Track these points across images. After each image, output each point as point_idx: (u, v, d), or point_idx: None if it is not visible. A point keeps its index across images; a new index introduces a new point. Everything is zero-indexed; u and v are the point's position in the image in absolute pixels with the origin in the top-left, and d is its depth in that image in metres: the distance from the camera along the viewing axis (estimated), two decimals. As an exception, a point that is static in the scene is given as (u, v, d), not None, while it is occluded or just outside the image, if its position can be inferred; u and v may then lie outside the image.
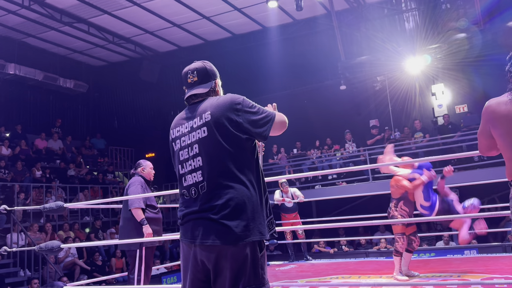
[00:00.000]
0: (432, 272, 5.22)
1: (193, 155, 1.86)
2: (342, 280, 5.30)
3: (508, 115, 1.96)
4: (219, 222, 1.74)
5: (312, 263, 7.38)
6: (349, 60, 11.31)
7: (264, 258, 1.81)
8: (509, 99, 1.99)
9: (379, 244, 9.02)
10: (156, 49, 13.42)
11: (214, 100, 1.91)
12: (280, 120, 1.92)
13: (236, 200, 1.75)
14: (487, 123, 2.07)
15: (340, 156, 11.03)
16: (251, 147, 1.88)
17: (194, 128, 1.87)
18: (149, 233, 3.95)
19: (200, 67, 2.02)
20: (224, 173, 1.79)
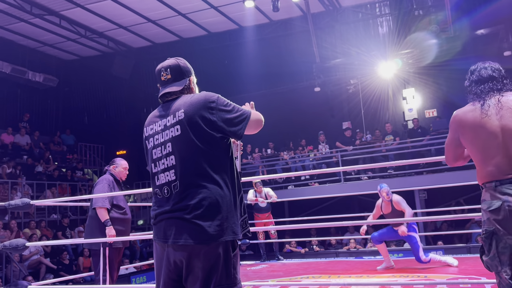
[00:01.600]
0: (400, 273, 5.34)
1: (166, 153, 1.83)
2: (312, 280, 5.35)
3: (475, 121, 2.05)
4: (191, 221, 1.71)
5: (283, 263, 7.42)
6: (324, 62, 11.44)
7: (236, 258, 1.80)
8: (474, 107, 2.09)
9: (348, 245, 9.15)
10: (130, 45, 13.19)
11: (188, 98, 1.87)
12: (255, 119, 1.90)
13: (209, 199, 1.73)
14: (456, 132, 2.15)
15: (313, 157, 11.14)
16: (225, 145, 1.85)
17: (168, 126, 1.84)
18: (112, 235, 3.86)
19: (174, 64, 1.97)
20: (197, 172, 1.76)
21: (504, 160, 1.96)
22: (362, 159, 10.53)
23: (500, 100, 2.04)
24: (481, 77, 2.16)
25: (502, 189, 1.93)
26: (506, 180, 1.94)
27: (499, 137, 1.99)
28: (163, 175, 1.82)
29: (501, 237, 1.93)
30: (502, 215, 1.91)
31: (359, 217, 7.76)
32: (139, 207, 12.19)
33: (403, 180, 9.53)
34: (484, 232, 1.99)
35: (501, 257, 1.92)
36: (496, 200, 1.94)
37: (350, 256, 8.06)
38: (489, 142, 2.00)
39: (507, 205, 1.91)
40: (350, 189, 9.99)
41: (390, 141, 10.63)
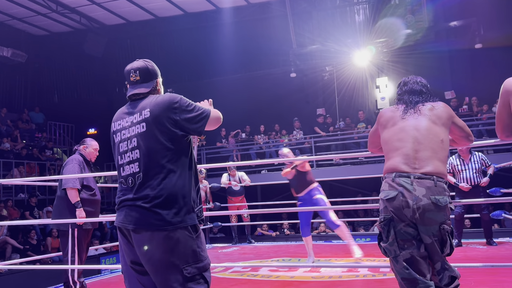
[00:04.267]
0: (367, 256, 5.49)
1: (132, 147, 2.01)
2: (282, 262, 5.45)
3: (391, 119, 2.34)
4: (151, 210, 1.90)
5: (254, 246, 7.52)
6: (301, 48, 11.46)
7: (200, 238, 1.98)
8: (395, 107, 2.40)
9: (318, 228, 9.34)
10: (103, 22, 12.81)
11: (153, 98, 2.05)
12: (214, 117, 2.10)
13: (168, 190, 1.92)
14: (377, 124, 2.46)
15: (287, 142, 11.22)
16: (186, 142, 2.05)
17: (134, 123, 2.03)
18: (82, 217, 3.81)
19: (143, 66, 2.13)
20: (159, 165, 1.95)
21: (410, 153, 2.19)
22: (334, 146, 10.70)
23: (419, 108, 2.31)
24: (413, 90, 2.40)
25: (399, 181, 2.14)
26: (404, 173, 2.15)
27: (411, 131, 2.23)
28: (128, 167, 2.01)
29: (397, 224, 2.13)
30: (397, 205, 2.12)
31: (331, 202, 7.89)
32: (110, 188, 12.03)
33: (373, 167, 9.74)
34: (382, 219, 2.18)
35: (400, 242, 2.12)
36: (392, 190, 2.14)
37: (319, 240, 8.22)
38: (402, 134, 2.25)
39: (402, 196, 2.11)
40: (322, 174, 10.14)
41: (362, 129, 10.82)
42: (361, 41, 11.03)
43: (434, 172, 2.12)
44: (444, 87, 10.43)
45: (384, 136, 2.33)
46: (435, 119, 2.23)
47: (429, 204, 2.06)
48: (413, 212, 2.07)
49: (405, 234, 2.10)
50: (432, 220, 2.07)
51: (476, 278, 3.69)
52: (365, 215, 10.06)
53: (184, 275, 1.88)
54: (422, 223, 2.08)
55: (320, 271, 4.54)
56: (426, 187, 2.08)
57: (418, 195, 2.07)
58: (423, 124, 2.21)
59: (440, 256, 2.12)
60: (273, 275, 4.50)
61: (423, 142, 2.17)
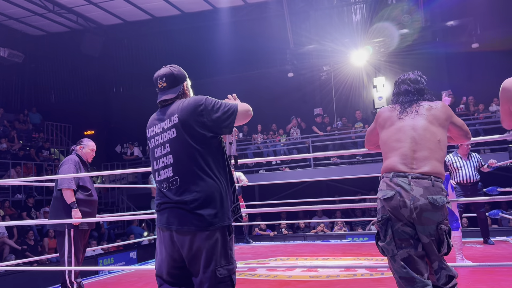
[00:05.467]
0: (365, 256, 5.51)
1: (165, 153, 2.09)
2: (280, 262, 5.46)
3: (388, 119, 2.33)
4: (192, 212, 1.98)
5: (252, 246, 7.53)
6: (298, 48, 11.45)
7: (232, 241, 2.06)
8: (392, 107, 2.39)
9: (316, 228, 9.35)
10: (100, 22, 12.78)
11: (180, 103, 2.11)
12: (243, 110, 2.10)
13: (205, 192, 1.99)
14: (375, 123, 2.45)
15: (285, 142, 11.23)
16: (216, 142, 2.09)
17: (165, 129, 2.10)
18: (78, 217, 3.79)
19: (168, 73, 2.20)
20: (192, 169, 2.01)
21: (407, 153, 2.19)
22: (332, 145, 10.71)
23: (416, 108, 2.30)
24: (408, 90, 2.39)
25: (397, 181, 2.15)
26: (402, 173, 2.15)
27: (409, 131, 2.23)
28: (163, 171, 2.09)
29: (395, 224, 2.14)
30: (395, 204, 2.13)
31: (327, 201, 7.93)
32: (107, 188, 12.00)
33: (370, 167, 9.76)
34: (379, 219, 2.19)
35: (397, 241, 2.13)
36: (390, 190, 2.16)
37: (317, 239, 8.25)
38: (400, 134, 2.25)
39: (399, 196, 2.12)
40: (320, 174, 10.16)
41: (360, 128, 10.83)
42: (358, 41, 11.04)
43: (431, 172, 2.13)
44: (441, 87, 10.42)
45: (382, 136, 2.34)
46: (432, 119, 2.23)
47: (426, 204, 2.07)
48: (410, 212, 2.08)
49: (403, 233, 2.11)
50: (429, 220, 2.08)
51: (473, 277, 3.71)
52: (363, 214, 10.08)
53: (216, 276, 1.95)
54: (419, 222, 2.09)
55: (317, 271, 4.55)
56: (424, 187, 2.09)
57: (415, 195, 2.08)
58: (420, 124, 2.22)
59: (437, 256, 2.13)
60: (271, 275, 4.51)
61: (421, 142, 2.18)
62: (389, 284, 3.85)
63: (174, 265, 2.04)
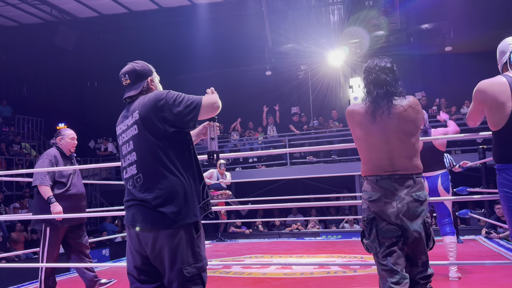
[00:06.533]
0: (338, 253, 5.59)
1: (130, 150, 2.07)
2: (255, 259, 5.48)
3: (361, 122, 2.30)
4: (155, 210, 1.95)
5: (227, 243, 7.53)
6: (276, 46, 11.49)
7: (200, 238, 2.02)
8: (361, 107, 2.32)
9: (291, 226, 9.43)
10: (75, 14, 12.50)
11: (142, 99, 2.08)
12: (208, 103, 2.03)
13: (167, 189, 1.96)
14: (350, 124, 2.39)
15: (262, 140, 11.26)
16: (181, 137, 2.04)
17: (129, 126, 2.08)
18: (58, 212, 3.64)
19: (130, 69, 2.17)
20: (155, 166, 1.98)
21: (386, 160, 2.24)
22: (308, 144, 10.81)
23: (390, 106, 2.25)
24: (379, 80, 2.31)
25: (382, 184, 2.22)
26: (385, 176, 2.22)
27: (384, 140, 2.24)
28: (129, 169, 2.07)
29: (379, 223, 2.22)
30: (380, 206, 2.21)
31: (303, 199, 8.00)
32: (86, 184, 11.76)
33: (345, 166, 9.91)
34: (365, 218, 2.27)
35: (381, 240, 2.21)
36: (376, 192, 2.22)
37: (292, 237, 8.31)
38: (375, 142, 2.26)
39: (384, 198, 2.20)
40: (296, 172, 10.24)
41: (336, 128, 10.97)
42: (335, 41, 11.16)
43: (411, 171, 2.22)
44: (415, 89, 10.68)
45: (360, 136, 2.34)
46: (405, 122, 2.24)
47: (411, 201, 2.17)
48: (397, 211, 2.17)
49: (387, 232, 2.20)
50: (416, 215, 2.18)
51: (442, 275, 3.81)
52: (337, 212, 10.21)
53: (184, 274, 1.92)
54: (408, 219, 2.17)
55: (292, 268, 4.58)
56: (407, 186, 2.19)
57: (400, 194, 2.18)
58: (394, 128, 2.23)
59: (424, 251, 2.23)
60: (245, 272, 4.52)
61: (396, 146, 2.23)
62: (361, 282, 3.92)
63: (144, 262, 2.02)
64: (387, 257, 2.18)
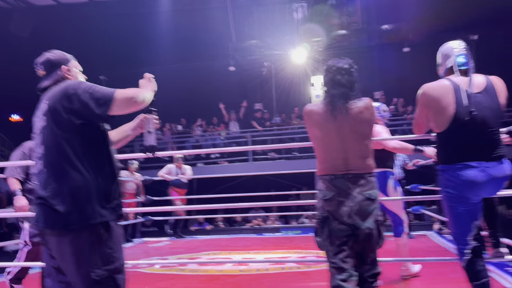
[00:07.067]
0: (295, 249, 5.66)
1: (38, 144, 1.93)
2: (212, 256, 5.46)
3: (319, 122, 2.34)
4: (55, 209, 1.81)
5: (187, 240, 7.48)
6: (240, 42, 11.47)
7: (112, 238, 1.88)
8: (319, 107, 2.37)
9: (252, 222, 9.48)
10: (31, 1, 11.96)
11: (53, 89, 1.95)
12: (124, 98, 1.87)
13: (69, 187, 1.82)
14: (307, 123, 2.42)
15: (225, 136, 11.23)
16: (91, 132, 1.91)
17: (39, 118, 1.94)
18: (20, 206, 3.48)
19: (44, 59, 2.06)
20: (58, 160, 1.85)
21: (340, 160, 2.29)
22: (270, 140, 10.87)
23: (347, 107, 2.30)
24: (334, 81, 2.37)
25: (335, 183, 2.27)
26: (339, 175, 2.28)
27: (338, 140, 2.30)
28: (37, 164, 1.93)
29: (331, 222, 2.27)
30: (333, 205, 2.26)
31: (265, 196, 8.04)
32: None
33: (306, 162, 10.03)
34: (318, 217, 2.34)
35: (332, 238, 2.27)
36: (330, 191, 2.27)
37: (253, 233, 8.35)
38: (330, 142, 2.31)
39: (338, 197, 2.26)
40: (258, 168, 10.28)
41: (298, 125, 11.09)
42: (298, 39, 11.24)
43: (364, 170, 2.29)
44: (374, 88, 10.94)
45: (315, 138, 2.39)
46: (360, 123, 2.29)
47: (363, 200, 2.23)
48: (350, 211, 2.23)
49: (338, 231, 2.25)
50: (368, 213, 2.24)
51: (392, 270, 3.92)
52: (297, 208, 10.33)
53: (91, 278, 1.80)
54: (360, 218, 2.23)
55: (248, 265, 4.60)
56: (359, 185, 2.25)
57: (353, 193, 2.24)
58: (349, 129, 2.28)
59: (374, 249, 2.30)
60: (201, 269, 4.50)
61: (351, 146, 2.28)
62: (314, 277, 3.99)
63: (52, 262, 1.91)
64: (336, 255, 2.24)
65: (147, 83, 2.06)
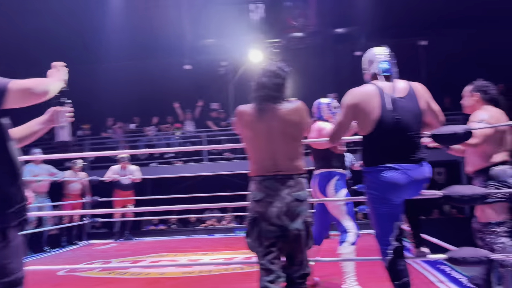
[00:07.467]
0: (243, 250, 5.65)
1: None
2: (158, 258, 5.37)
3: (249, 123, 2.35)
4: None
5: (135, 242, 7.33)
6: (196, 40, 11.36)
7: (9, 247, 1.71)
8: (250, 108, 2.37)
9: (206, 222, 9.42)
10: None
11: None
12: (19, 89, 1.71)
13: None
14: (238, 124, 2.43)
15: (180, 135, 11.09)
16: None
17: None
18: None
19: None
20: None
21: (270, 161, 2.30)
22: (226, 140, 10.83)
23: (275, 108, 2.31)
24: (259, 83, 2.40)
25: (265, 184, 2.28)
26: (269, 176, 2.28)
27: (268, 141, 2.30)
28: None
29: (261, 223, 2.27)
30: (263, 206, 2.26)
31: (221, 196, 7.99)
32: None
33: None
34: (249, 218, 2.34)
35: (262, 239, 2.27)
36: (260, 192, 2.28)
37: (207, 234, 8.30)
38: (260, 143, 2.33)
39: (267, 198, 2.26)
40: (213, 168, 10.22)
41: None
42: (255, 40, 11.27)
43: (293, 171, 2.30)
44: (328, 90, 11.11)
45: (247, 139, 2.40)
46: (288, 125, 2.30)
47: (292, 201, 2.24)
48: (279, 211, 2.23)
49: (268, 232, 2.26)
50: (297, 214, 2.25)
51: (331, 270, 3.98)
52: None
53: None
54: (288, 219, 2.24)
55: (192, 266, 4.55)
56: (288, 186, 2.26)
57: (282, 194, 2.24)
58: (277, 130, 2.29)
59: (303, 250, 2.31)
60: (143, 273, 4.41)
61: (279, 147, 2.29)
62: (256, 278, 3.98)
63: None
64: (265, 257, 2.26)
65: (55, 73, 1.91)
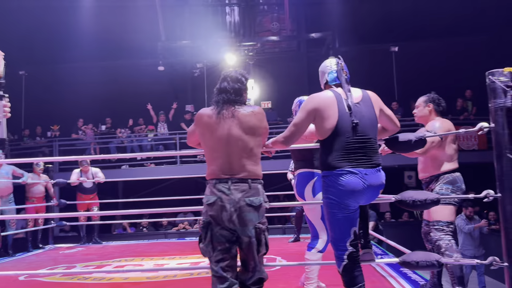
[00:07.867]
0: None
1: None
2: (124, 263, 5.27)
3: (206, 126, 2.35)
4: None
5: (102, 246, 7.18)
6: (170, 42, 11.28)
7: None
8: (212, 109, 2.38)
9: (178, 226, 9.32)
10: None
11: None
12: None
13: None
14: (198, 126, 2.43)
15: (152, 137, 10.94)
16: None
17: None
18: None
19: None
20: None
21: (225, 164, 2.30)
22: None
23: (233, 112, 2.34)
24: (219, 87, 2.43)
25: (219, 187, 2.26)
26: (223, 179, 2.27)
27: (224, 143, 2.30)
28: None
29: (214, 228, 2.26)
30: (216, 209, 2.25)
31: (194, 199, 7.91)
32: None
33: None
34: (202, 222, 2.32)
35: (214, 244, 2.25)
36: (213, 195, 2.26)
37: (179, 237, 8.20)
38: (217, 145, 2.32)
39: (220, 201, 2.24)
40: (186, 171, 10.13)
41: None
42: (230, 42, 11.27)
43: (248, 176, 2.28)
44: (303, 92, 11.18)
45: (204, 142, 2.39)
46: (246, 127, 2.32)
47: (244, 206, 2.22)
48: (230, 215, 2.21)
49: (220, 237, 2.24)
50: (248, 220, 2.23)
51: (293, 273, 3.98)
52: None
53: None
54: (240, 224, 2.23)
55: (157, 272, 4.48)
56: (242, 191, 2.24)
57: (235, 198, 2.23)
58: (234, 132, 2.30)
59: (255, 256, 2.28)
60: (106, 277, 4.31)
61: (236, 149, 2.29)
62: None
63: None
64: (218, 263, 2.23)
65: None
